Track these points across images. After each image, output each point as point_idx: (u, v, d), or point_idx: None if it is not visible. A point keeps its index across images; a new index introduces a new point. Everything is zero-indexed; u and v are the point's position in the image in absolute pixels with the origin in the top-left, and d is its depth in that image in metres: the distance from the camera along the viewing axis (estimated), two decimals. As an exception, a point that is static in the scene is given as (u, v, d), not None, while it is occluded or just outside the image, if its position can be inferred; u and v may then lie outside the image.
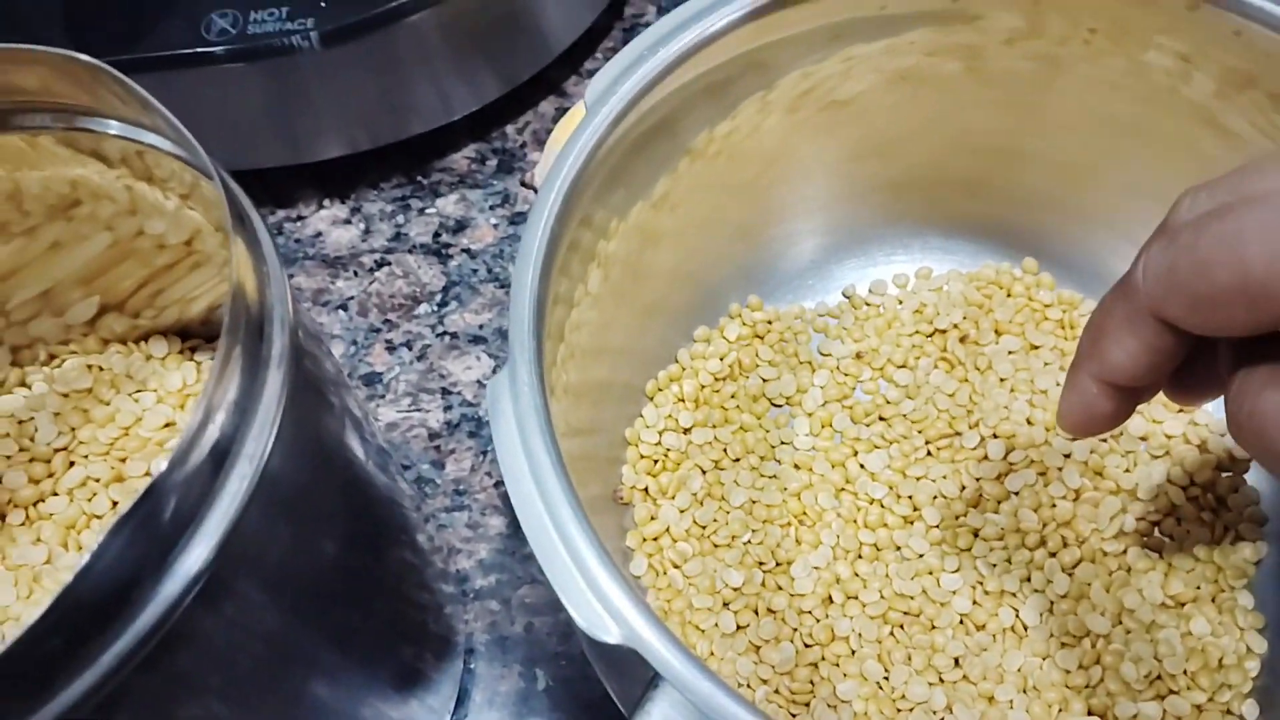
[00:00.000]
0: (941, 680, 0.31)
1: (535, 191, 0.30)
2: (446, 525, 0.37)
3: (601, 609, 0.21)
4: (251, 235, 0.22)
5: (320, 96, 0.41)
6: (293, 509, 0.24)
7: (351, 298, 0.42)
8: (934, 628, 0.32)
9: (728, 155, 0.34)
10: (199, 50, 0.38)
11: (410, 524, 0.32)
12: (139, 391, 0.32)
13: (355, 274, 0.43)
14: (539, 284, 0.25)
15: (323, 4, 0.38)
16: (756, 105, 0.33)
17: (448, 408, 0.39)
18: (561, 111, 0.46)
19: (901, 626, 0.32)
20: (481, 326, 0.41)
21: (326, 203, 0.45)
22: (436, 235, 0.43)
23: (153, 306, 0.33)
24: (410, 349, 0.41)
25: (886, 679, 0.31)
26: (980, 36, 0.33)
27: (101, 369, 0.32)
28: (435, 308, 0.42)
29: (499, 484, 0.38)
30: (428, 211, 0.44)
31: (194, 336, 0.34)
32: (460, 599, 0.35)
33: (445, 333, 0.41)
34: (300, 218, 0.44)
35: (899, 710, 0.31)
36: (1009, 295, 0.38)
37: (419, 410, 0.39)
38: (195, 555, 0.18)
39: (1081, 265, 0.38)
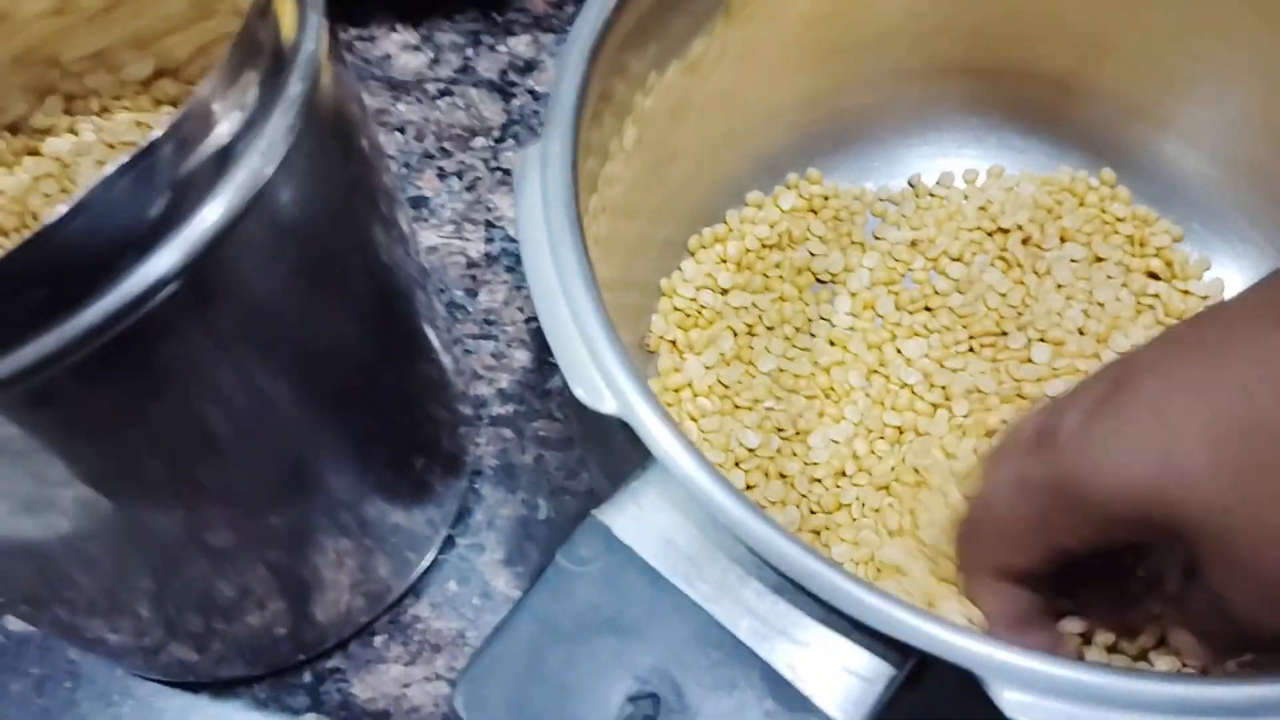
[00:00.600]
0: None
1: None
2: (472, 351, 0.37)
3: (599, 377, 0.21)
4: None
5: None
6: (302, 257, 0.23)
7: (410, 121, 0.42)
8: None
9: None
10: None
11: (438, 342, 0.32)
12: (183, 154, 0.31)
13: (418, 100, 0.42)
14: (586, 67, 0.24)
15: None
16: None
17: (489, 239, 0.39)
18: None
19: (900, 499, 0.31)
20: (535, 166, 0.40)
21: (399, 27, 0.44)
22: (504, 73, 0.43)
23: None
24: (461, 179, 0.40)
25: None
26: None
27: (151, 127, 0.32)
28: (492, 142, 0.41)
29: (529, 319, 0.37)
30: (498, 48, 0.43)
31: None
32: (475, 421, 0.35)
33: (498, 168, 0.40)
34: (371, 38, 0.44)
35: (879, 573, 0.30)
36: (1081, 204, 0.37)
37: (460, 238, 0.39)
38: (181, 246, 0.18)
39: (1163, 181, 0.36)
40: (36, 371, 0.18)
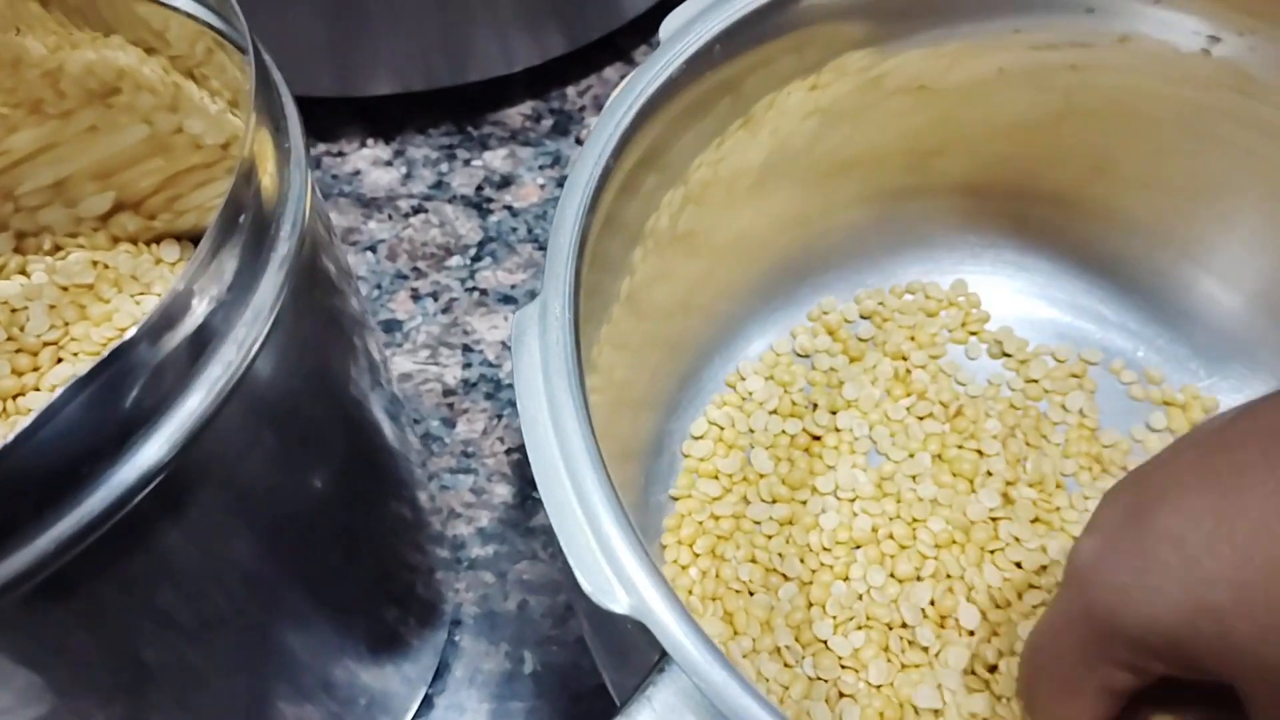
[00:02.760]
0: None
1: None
2: (450, 487, 0.35)
3: (611, 573, 0.19)
4: (278, 117, 0.20)
5: (377, 25, 0.39)
6: (282, 431, 0.21)
7: (382, 240, 0.40)
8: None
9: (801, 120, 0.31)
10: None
11: (412, 479, 0.30)
12: (142, 294, 0.29)
13: (390, 217, 0.40)
14: (586, 214, 0.23)
15: (391, -74, 0.36)
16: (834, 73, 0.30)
17: (467, 365, 0.37)
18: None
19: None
20: (514, 286, 0.39)
21: (370, 141, 0.43)
22: (479, 188, 0.41)
23: (170, 210, 0.31)
24: (436, 300, 0.38)
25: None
26: (1091, 37, 0.30)
27: (107, 266, 0.30)
28: (468, 261, 0.39)
29: (510, 450, 0.35)
30: (473, 163, 0.42)
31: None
32: (453, 565, 0.33)
33: (475, 288, 0.39)
34: (341, 153, 0.42)
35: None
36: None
37: (436, 364, 0.37)
38: (160, 443, 0.16)
39: (1167, 300, 0.35)
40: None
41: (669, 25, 0.26)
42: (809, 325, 0.36)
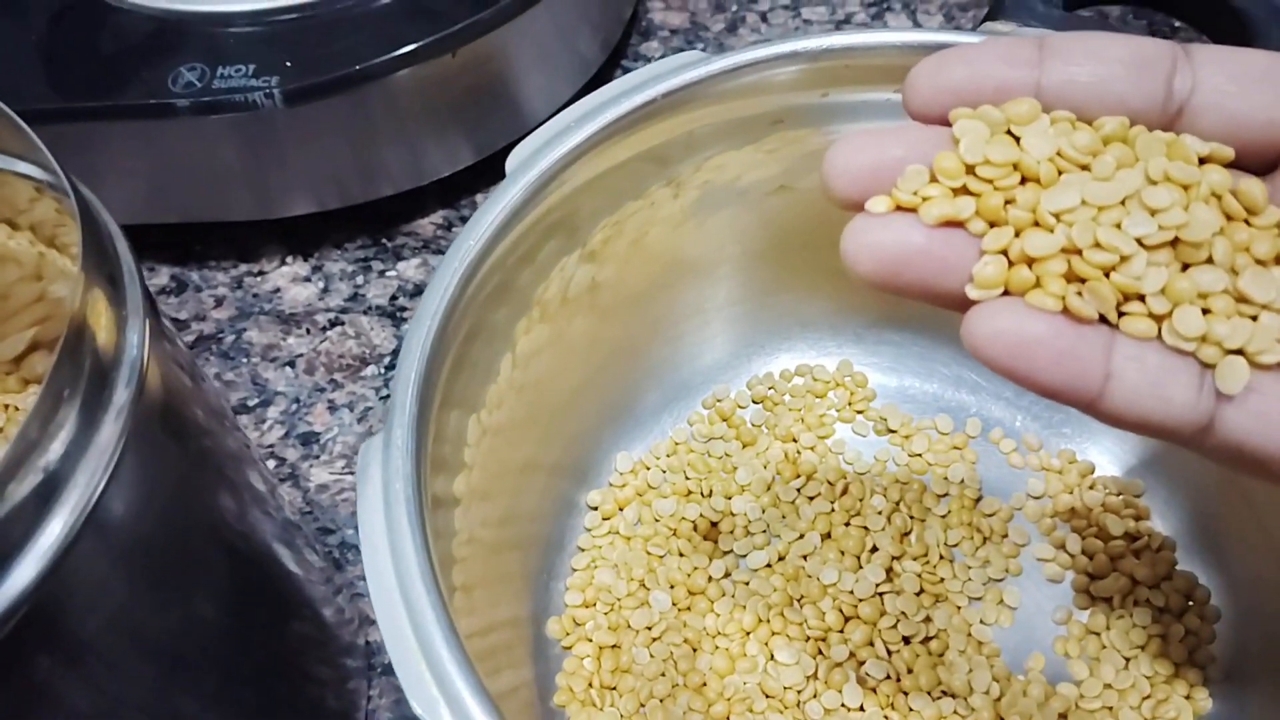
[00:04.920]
0: None
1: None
2: (363, 594, 0.36)
3: (439, 693, 0.20)
4: (113, 269, 0.22)
5: (287, 153, 0.41)
6: (147, 563, 0.23)
7: (300, 355, 0.42)
8: None
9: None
10: (165, 101, 0.38)
11: (314, 598, 0.31)
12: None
13: (308, 331, 0.42)
14: (431, 349, 0.25)
15: (288, 64, 0.39)
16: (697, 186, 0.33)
17: (382, 472, 0.38)
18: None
19: None
20: (426, 392, 0.40)
21: (290, 259, 0.45)
22: (393, 298, 0.43)
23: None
24: (352, 410, 0.40)
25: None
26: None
27: (17, 409, 0.31)
28: (382, 370, 0.41)
29: (423, 554, 0.37)
30: (388, 274, 0.44)
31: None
32: (365, 674, 0.34)
33: (388, 396, 0.40)
34: (262, 273, 0.44)
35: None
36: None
37: (352, 473, 0.39)
38: (17, 578, 0.18)
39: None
40: None
41: (515, 157, 0.28)
42: (704, 412, 0.38)
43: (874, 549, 0.34)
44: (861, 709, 0.31)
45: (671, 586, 0.34)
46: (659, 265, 0.34)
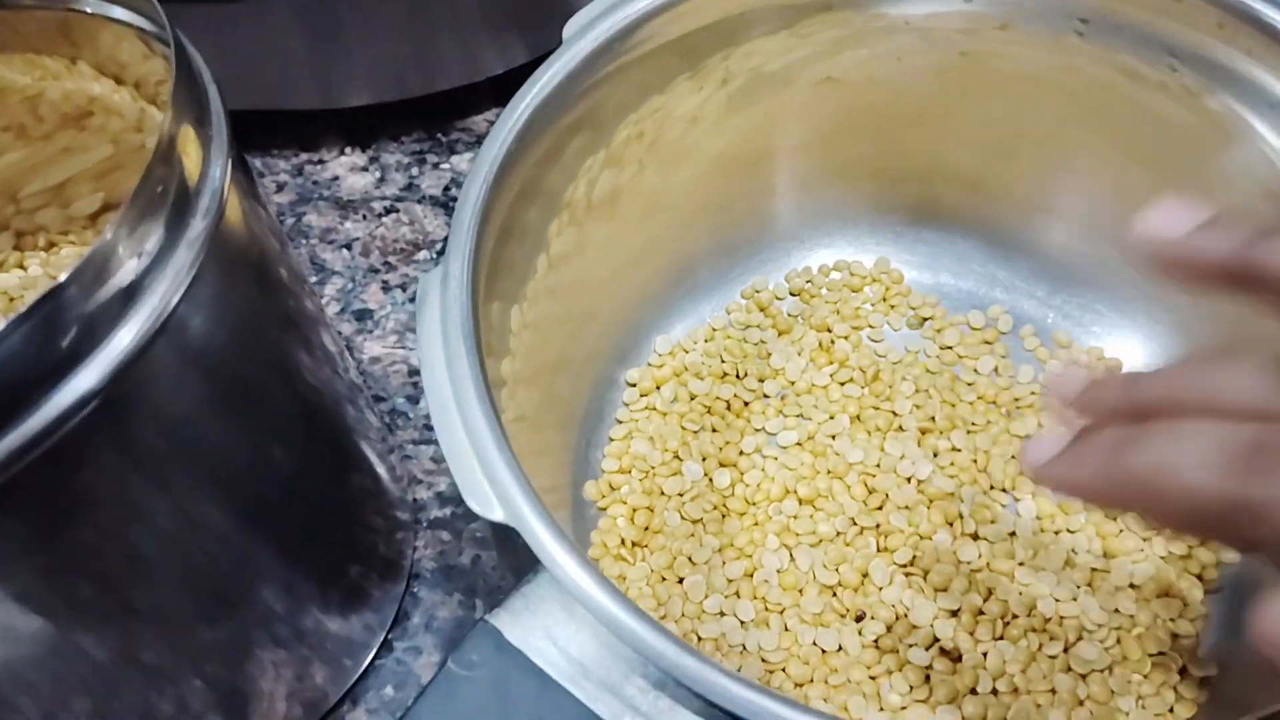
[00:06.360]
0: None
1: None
2: (412, 457, 0.38)
3: (490, 489, 0.22)
4: (201, 109, 0.23)
5: (352, 41, 0.43)
6: (213, 379, 0.24)
7: (357, 239, 0.43)
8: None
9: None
10: (237, -17, 0.40)
11: (372, 454, 0.33)
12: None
13: (364, 217, 0.44)
14: (489, 190, 0.26)
15: (354, -51, 0.40)
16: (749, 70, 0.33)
17: (431, 348, 0.40)
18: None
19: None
20: (476, 276, 0.42)
21: (348, 150, 0.46)
22: (446, 189, 0.45)
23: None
24: (404, 290, 0.42)
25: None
26: (974, 23, 0.33)
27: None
28: (435, 255, 0.43)
29: (469, 424, 0.38)
30: (442, 166, 0.45)
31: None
32: (413, 526, 0.36)
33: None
34: (321, 161, 0.46)
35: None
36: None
37: (403, 348, 0.40)
38: (93, 373, 0.19)
39: (1069, 266, 0.37)
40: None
41: (573, 24, 0.29)
42: (742, 302, 0.39)
43: (900, 429, 0.35)
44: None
45: (704, 459, 0.35)
46: (701, 159, 0.35)
